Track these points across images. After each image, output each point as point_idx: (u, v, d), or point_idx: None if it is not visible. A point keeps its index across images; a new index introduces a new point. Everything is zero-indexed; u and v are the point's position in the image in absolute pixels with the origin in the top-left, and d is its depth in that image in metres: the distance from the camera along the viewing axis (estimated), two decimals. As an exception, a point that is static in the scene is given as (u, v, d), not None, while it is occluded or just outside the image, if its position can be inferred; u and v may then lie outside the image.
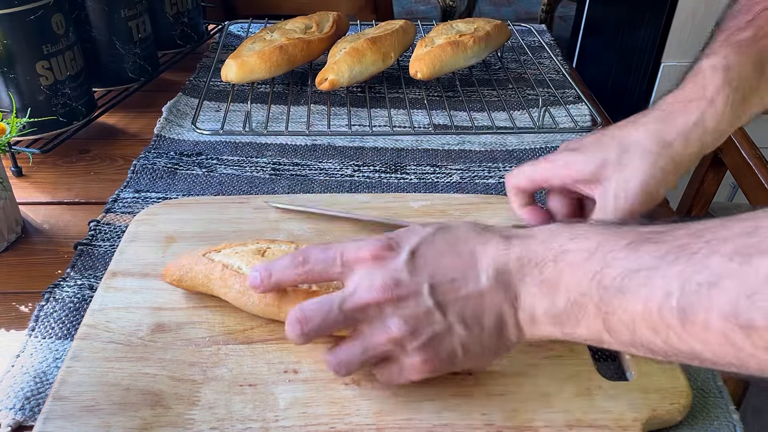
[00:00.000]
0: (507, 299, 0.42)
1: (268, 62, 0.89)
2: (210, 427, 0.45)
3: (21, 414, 0.48)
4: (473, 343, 0.43)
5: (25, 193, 0.75)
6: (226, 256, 0.53)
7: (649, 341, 0.37)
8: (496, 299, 0.42)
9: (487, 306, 0.42)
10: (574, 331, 0.40)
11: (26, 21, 0.74)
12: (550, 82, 1.00)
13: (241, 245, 0.54)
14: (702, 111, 0.52)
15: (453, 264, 0.43)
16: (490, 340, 0.43)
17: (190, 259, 0.54)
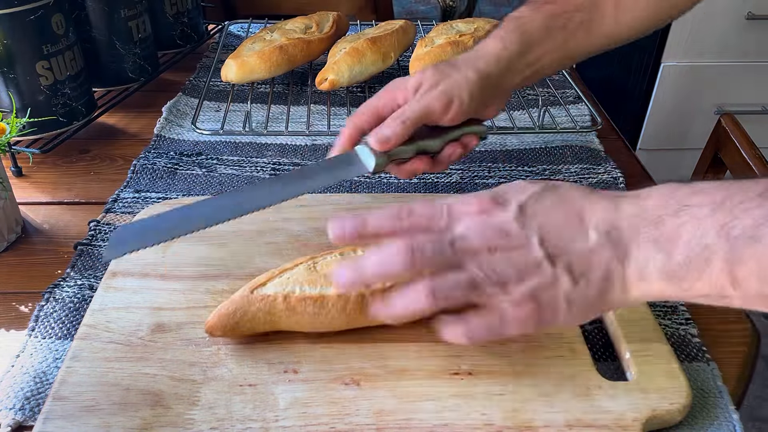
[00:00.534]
0: (615, 256, 0.42)
1: (268, 62, 0.89)
2: (210, 427, 0.45)
3: (21, 414, 0.48)
4: (578, 297, 0.42)
5: (25, 193, 0.75)
6: (280, 285, 0.50)
7: None
8: (605, 255, 0.42)
9: (595, 261, 0.42)
10: (692, 286, 0.39)
11: (26, 21, 0.74)
12: (550, 82, 1.00)
13: (284, 270, 0.52)
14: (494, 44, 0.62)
15: (562, 220, 0.43)
16: (595, 296, 0.43)
17: (238, 303, 0.50)
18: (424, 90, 0.59)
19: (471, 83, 0.59)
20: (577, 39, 0.64)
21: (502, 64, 0.61)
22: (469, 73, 0.60)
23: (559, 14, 0.63)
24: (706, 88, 1.78)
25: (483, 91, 0.60)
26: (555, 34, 0.63)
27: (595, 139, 0.86)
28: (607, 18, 0.64)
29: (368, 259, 0.44)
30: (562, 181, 0.46)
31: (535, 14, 0.64)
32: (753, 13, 1.65)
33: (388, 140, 0.57)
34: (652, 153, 1.88)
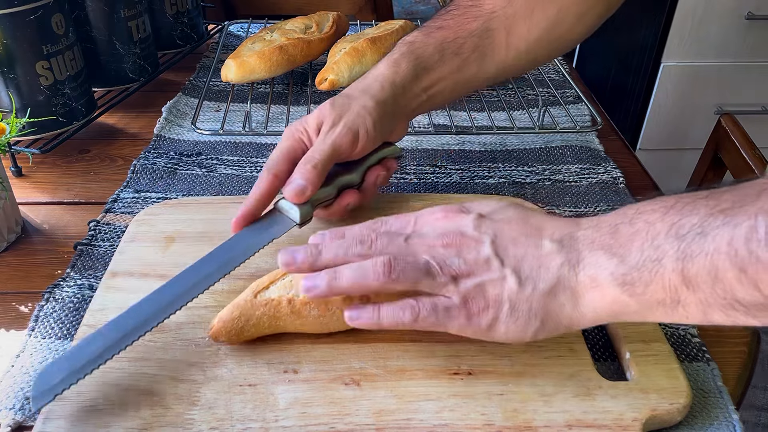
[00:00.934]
0: (567, 261, 0.42)
1: (268, 62, 0.89)
2: (210, 427, 0.45)
3: (21, 414, 0.48)
4: (522, 300, 0.43)
5: (25, 193, 0.75)
6: (283, 288, 0.50)
7: (733, 289, 0.36)
8: (557, 260, 0.43)
9: (545, 265, 0.43)
10: (646, 290, 0.39)
11: (26, 21, 0.74)
12: (550, 82, 1.00)
13: (286, 273, 0.51)
14: (387, 68, 0.63)
15: (517, 229, 0.45)
16: (540, 303, 0.43)
17: (242, 308, 0.50)
18: (327, 128, 0.59)
19: (371, 111, 0.59)
20: (470, 66, 0.64)
21: (397, 89, 0.62)
22: (367, 102, 0.60)
23: (451, 40, 0.64)
24: (706, 88, 1.78)
25: (384, 117, 0.60)
26: (448, 59, 0.63)
27: (595, 139, 0.86)
28: (498, 46, 0.65)
29: (325, 246, 0.48)
30: (533, 206, 0.49)
31: (427, 39, 0.64)
32: (753, 13, 1.65)
33: (305, 190, 0.56)
34: (652, 153, 1.88)
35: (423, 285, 0.45)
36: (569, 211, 0.71)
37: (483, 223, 0.46)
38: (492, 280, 0.44)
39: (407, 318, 0.45)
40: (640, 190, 0.77)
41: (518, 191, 0.74)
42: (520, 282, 0.43)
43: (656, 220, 0.39)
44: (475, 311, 0.44)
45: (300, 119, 0.61)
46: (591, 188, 0.76)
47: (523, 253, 0.44)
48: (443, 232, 0.46)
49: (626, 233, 0.41)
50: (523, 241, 0.44)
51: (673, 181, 1.75)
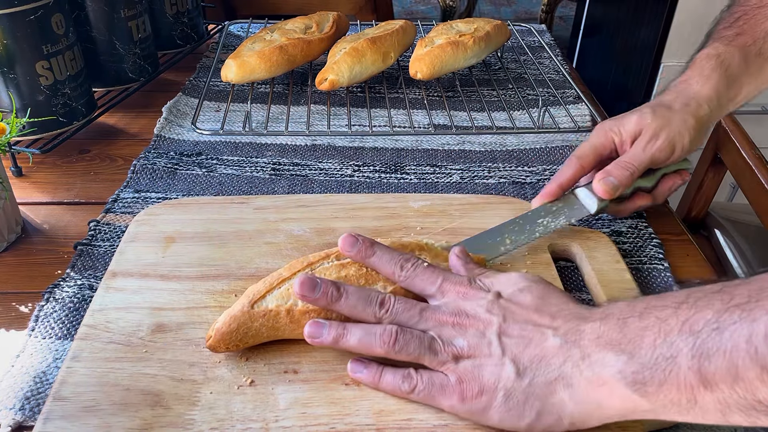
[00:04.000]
0: (571, 358, 0.41)
1: (268, 62, 0.89)
2: (210, 427, 0.45)
3: (21, 414, 0.48)
4: (518, 390, 0.42)
5: (25, 193, 0.75)
6: (281, 298, 0.50)
7: (755, 388, 0.34)
8: (560, 357, 0.42)
9: (547, 360, 0.42)
10: (659, 390, 0.37)
11: (26, 21, 0.74)
12: (550, 82, 1.00)
13: (283, 280, 0.51)
14: (701, 85, 0.65)
15: (527, 316, 0.45)
16: (537, 397, 0.42)
17: (240, 320, 0.49)
18: (648, 138, 0.62)
19: (691, 129, 0.62)
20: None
21: (713, 105, 0.64)
22: (689, 119, 0.62)
23: (751, 44, 0.66)
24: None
25: (699, 133, 0.63)
26: (752, 63, 0.65)
27: (595, 139, 0.85)
28: None
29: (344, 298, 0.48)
30: (557, 288, 0.48)
31: (731, 49, 0.66)
32: (753, 13, 1.64)
33: (617, 189, 0.61)
34: (652, 153, 1.88)
35: (425, 360, 0.45)
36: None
37: (496, 305, 0.46)
38: (490, 365, 0.43)
39: (405, 388, 0.46)
40: (640, 190, 0.76)
41: (518, 191, 0.74)
42: (518, 372, 0.42)
43: (668, 316, 0.38)
44: (468, 394, 0.43)
45: (616, 119, 0.65)
46: (591, 188, 0.75)
47: (526, 343, 0.43)
48: (457, 310, 0.47)
49: (635, 328, 0.39)
50: (530, 330, 0.44)
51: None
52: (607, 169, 0.62)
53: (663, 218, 0.72)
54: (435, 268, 0.50)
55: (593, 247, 0.61)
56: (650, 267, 0.63)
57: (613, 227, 0.69)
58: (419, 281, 0.49)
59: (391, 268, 0.50)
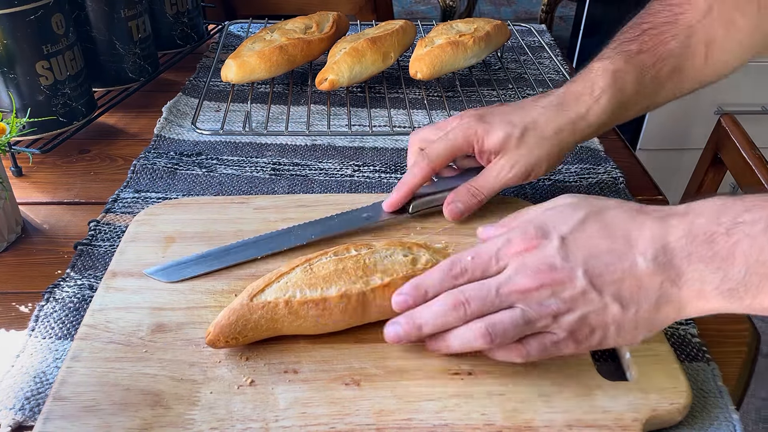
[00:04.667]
0: (668, 278, 0.42)
1: (268, 62, 0.89)
2: (210, 427, 0.45)
3: (21, 414, 0.48)
4: (627, 321, 0.43)
5: (25, 193, 0.75)
6: (279, 291, 0.50)
7: None
8: (656, 280, 0.42)
9: (645, 286, 0.42)
10: (754, 300, 0.40)
11: (26, 21, 0.74)
12: (550, 82, 1.00)
13: (282, 275, 0.51)
14: (588, 106, 0.60)
15: (606, 248, 0.43)
16: (646, 319, 0.43)
17: (239, 312, 0.49)
18: (502, 167, 0.60)
19: (552, 158, 0.60)
20: (665, 89, 0.63)
21: (589, 130, 0.61)
22: (554, 150, 0.60)
23: (650, 65, 0.61)
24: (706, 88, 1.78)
25: (559, 160, 0.62)
26: (645, 87, 0.62)
27: (595, 139, 0.86)
28: (697, 62, 0.62)
29: (421, 315, 0.47)
30: (609, 200, 0.46)
31: (629, 68, 0.61)
32: (753, 13, 1.64)
33: (462, 214, 0.62)
34: (652, 153, 1.88)
35: (526, 332, 0.45)
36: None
37: (569, 251, 0.44)
38: (594, 311, 0.43)
39: (520, 360, 0.46)
40: (640, 190, 0.77)
41: (518, 191, 0.74)
42: (623, 306, 0.43)
43: (759, 233, 0.39)
44: (582, 338, 0.44)
45: (483, 122, 0.61)
46: (591, 188, 0.76)
47: (620, 277, 0.43)
48: (532, 270, 0.44)
49: (725, 245, 0.40)
50: (617, 262, 0.43)
51: (673, 181, 1.75)
52: (457, 191, 0.62)
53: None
54: (477, 250, 0.47)
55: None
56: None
57: (613, 227, 0.68)
58: (477, 274, 0.46)
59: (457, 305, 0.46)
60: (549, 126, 0.60)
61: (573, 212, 0.46)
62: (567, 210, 0.46)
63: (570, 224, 0.45)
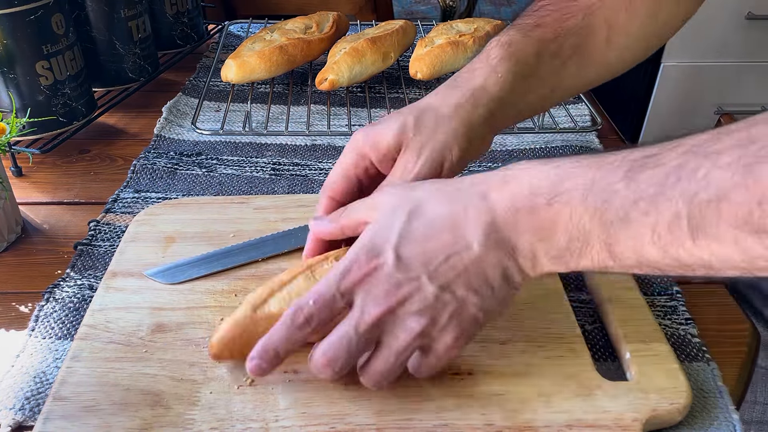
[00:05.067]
0: (505, 254, 0.43)
1: (268, 62, 0.89)
2: (210, 427, 0.45)
3: (21, 414, 0.48)
4: (489, 303, 0.44)
5: (25, 193, 0.75)
6: (283, 301, 0.49)
7: (656, 261, 0.38)
8: (494, 258, 0.43)
9: (488, 267, 0.43)
10: (578, 264, 0.42)
11: (26, 21, 0.74)
12: (550, 82, 1.00)
13: (283, 284, 0.50)
14: (485, 77, 0.55)
15: (441, 245, 0.43)
16: (503, 293, 0.44)
17: (243, 325, 0.48)
18: (407, 162, 0.52)
19: (460, 139, 0.53)
20: (570, 68, 0.59)
21: (493, 104, 0.55)
22: (458, 127, 0.53)
23: (551, 39, 0.58)
24: (706, 88, 1.78)
25: (473, 141, 0.54)
26: (547, 63, 0.57)
27: (595, 139, 0.86)
28: (599, 43, 0.59)
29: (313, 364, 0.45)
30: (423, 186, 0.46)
31: (526, 40, 0.57)
32: (753, 13, 1.65)
33: None
34: (652, 153, 1.88)
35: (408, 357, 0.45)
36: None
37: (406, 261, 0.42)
38: (455, 309, 0.43)
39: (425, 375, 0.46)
40: (640, 190, 0.76)
41: (518, 191, 0.74)
42: (478, 293, 0.43)
43: (577, 203, 0.40)
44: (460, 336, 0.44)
45: (374, 129, 0.54)
46: (591, 188, 0.75)
47: (463, 268, 0.43)
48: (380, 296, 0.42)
49: (546, 215, 0.41)
50: (454, 255, 0.42)
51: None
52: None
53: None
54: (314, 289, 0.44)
55: (593, 247, 0.61)
56: (650, 267, 0.63)
57: (613, 227, 0.68)
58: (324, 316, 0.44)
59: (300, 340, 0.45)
60: (446, 103, 0.54)
61: (394, 217, 0.44)
62: (388, 217, 0.44)
63: (396, 232, 0.43)
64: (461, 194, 0.44)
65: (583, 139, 0.85)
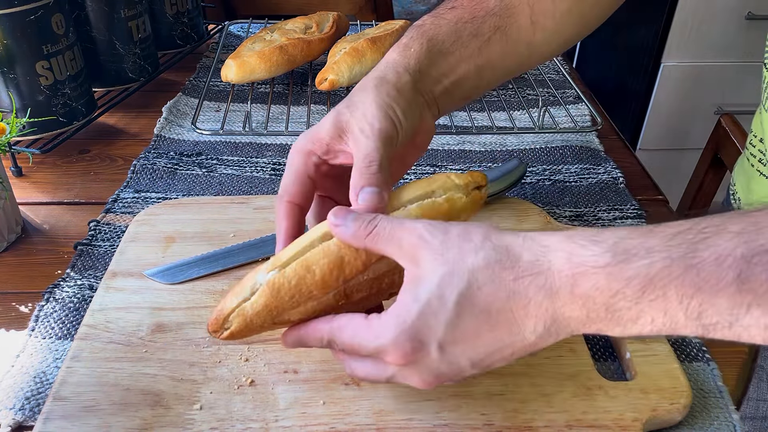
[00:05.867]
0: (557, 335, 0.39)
1: (268, 62, 0.89)
2: (210, 427, 0.45)
3: (21, 414, 0.48)
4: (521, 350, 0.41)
5: (25, 193, 0.75)
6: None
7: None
8: (546, 342, 0.39)
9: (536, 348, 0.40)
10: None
11: (26, 21, 0.74)
12: (550, 82, 1.00)
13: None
14: (399, 53, 0.55)
15: (492, 339, 0.39)
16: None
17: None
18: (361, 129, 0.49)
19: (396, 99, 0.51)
20: (493, 47, 0.56)
21: (414, 75, 0.53)
22: (389, 90, 0.51)
23: (468, 20, 0.56)
24: (706, 88, 1.78)
25: (410, 105, 0.52)
26: (467, 41, 0.56)
27: (595, 139, 0.86)
28: (523, 24, 0.57)
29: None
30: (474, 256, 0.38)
31: (439, 21, 0.56)
32: (753, 13, 1.65)
33: (381, 198, 0.47)
34: (652, 153, 1.88)
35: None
36: (569, 210, 0.71)
37: (451, 355, 0.40)
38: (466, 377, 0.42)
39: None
40: (640, 190, 0.77)
41: (518, 191, 0.74)
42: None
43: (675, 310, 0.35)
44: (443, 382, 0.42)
45: (309, 130, 0.52)
46: (591, 188, 0.76)
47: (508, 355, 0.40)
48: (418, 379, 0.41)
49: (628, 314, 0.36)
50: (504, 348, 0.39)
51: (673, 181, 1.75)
52: (352, 185, 0.47)
53: (663, 218, 0.72)
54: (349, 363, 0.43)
55: (593, 247, 0.61)
56: (650, 267, 0.63)
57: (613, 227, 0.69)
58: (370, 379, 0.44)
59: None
60: (368, 80, 0.53)
61: (441, 302, 0.39)
62: (434, 297, 0.39)
63: (444, 323, 0.39)
64: (521, 285, 0.38)
65: (583, 139, 0.85)
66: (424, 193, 0.46)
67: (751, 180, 0.72)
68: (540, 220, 0.66)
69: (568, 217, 0.70)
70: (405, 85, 0.52)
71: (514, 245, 0.38)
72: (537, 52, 0.60)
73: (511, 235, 0.39)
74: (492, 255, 0.38)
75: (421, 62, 0.54)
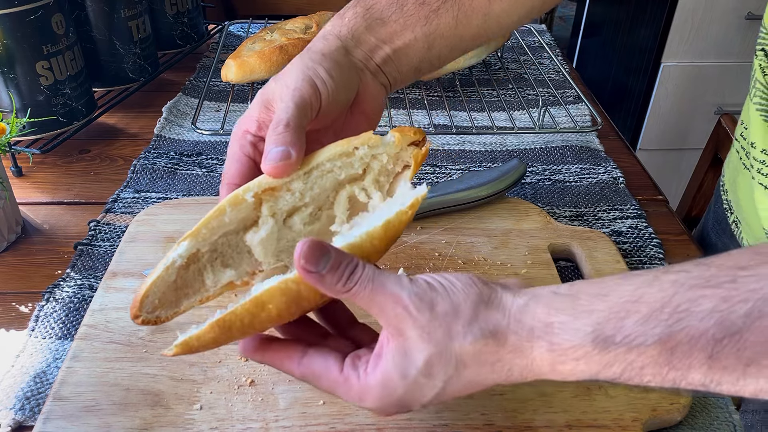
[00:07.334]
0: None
1: (268, 62, 0.89)
2: (210, 427, 0.45)
3: (21, 414, 0.48)
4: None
5: (25, 193, 0.75)
6: None
7: None
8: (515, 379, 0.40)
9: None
10: None
11: (26, 21, 0.74)
12: (550, 82, 1.00)
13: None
14: (332, 22, 0.54)
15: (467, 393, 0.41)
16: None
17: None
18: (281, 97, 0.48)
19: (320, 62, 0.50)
20: (444, 17, 0.55)
21: (346, 41, 0.52)
22: (313, 55, 0.50)
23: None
24: (706, 88, 1.78)
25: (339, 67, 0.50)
26: (411, 9, 0.54)
27: (595, 139, 0.86)
28: None
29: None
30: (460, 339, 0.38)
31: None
32: (753, 13, 1.65)
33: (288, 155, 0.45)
34: (652, 153, 1.88)
35: None
36: (569, 210, 0.71)
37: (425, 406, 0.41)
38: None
39: None
40: (640, 190, 0.77)
41: (518, 191, 0.74)
42: None
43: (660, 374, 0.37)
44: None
45: (244, 114, 0.51)
46: (591, 188, 0.76)
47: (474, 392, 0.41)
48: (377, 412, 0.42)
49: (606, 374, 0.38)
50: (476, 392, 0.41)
51: (673, 181, 1.75)
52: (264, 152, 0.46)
53: (663, 218, 0.72)
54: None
55: (593, 247, 0.61)
56: (650, 267, 0.63)
57: (613, 227, 0.69)
58: None
59: None
60: (313, 47, 0.52)
61: (429, 381, 0.40)
62: (422, 380, 0.40)
63: (431, 395, 0.40)
64: (505, 364, 0.39)
65: (583, 139, 0.85)
66: (343, 150, 0.44)
67: (738, 175, 0.72)
68: (540, 220, 0.66)
69: (568, 217, 0.70)
70: (334, 51, 0.51)
71: (500, 326, 0.38)
72: (496, 23, 0.58)
73: (499, 313, 0.39)
74: (480, 340, 0.38)
75: (355, 29, 0.53)
